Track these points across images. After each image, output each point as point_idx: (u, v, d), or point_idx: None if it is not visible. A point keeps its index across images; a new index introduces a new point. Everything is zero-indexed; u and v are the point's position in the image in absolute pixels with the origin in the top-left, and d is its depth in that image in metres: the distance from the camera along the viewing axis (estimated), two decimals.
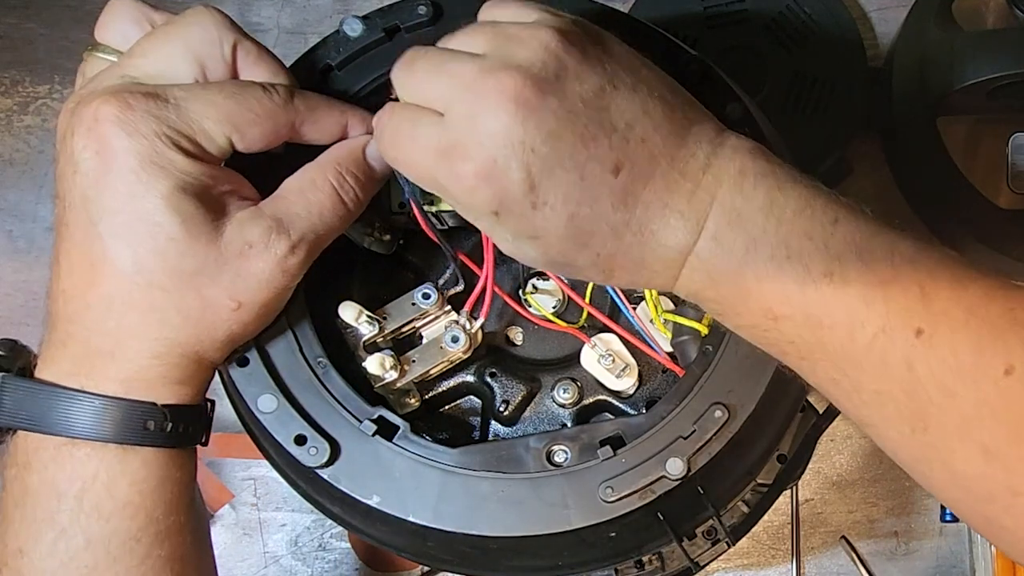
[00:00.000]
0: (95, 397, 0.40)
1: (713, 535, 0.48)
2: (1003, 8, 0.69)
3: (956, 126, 0.69)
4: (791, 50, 0.70)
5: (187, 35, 0.41)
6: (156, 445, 0.41)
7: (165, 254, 0.39)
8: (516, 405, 0.49)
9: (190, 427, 0.43)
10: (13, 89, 0.74)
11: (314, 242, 0.42)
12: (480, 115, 0.36)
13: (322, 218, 0.42)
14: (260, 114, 0.41)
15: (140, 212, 0.39)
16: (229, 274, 0.40)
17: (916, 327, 0.36)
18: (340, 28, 0.47)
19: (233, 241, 0.40)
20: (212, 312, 0.41)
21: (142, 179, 0.39)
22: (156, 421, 0.41)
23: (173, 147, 0.39)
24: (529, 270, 0.52)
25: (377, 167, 0.44)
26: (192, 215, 0.39)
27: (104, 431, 0.40)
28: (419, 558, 0.49)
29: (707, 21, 0.71)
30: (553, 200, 0.37)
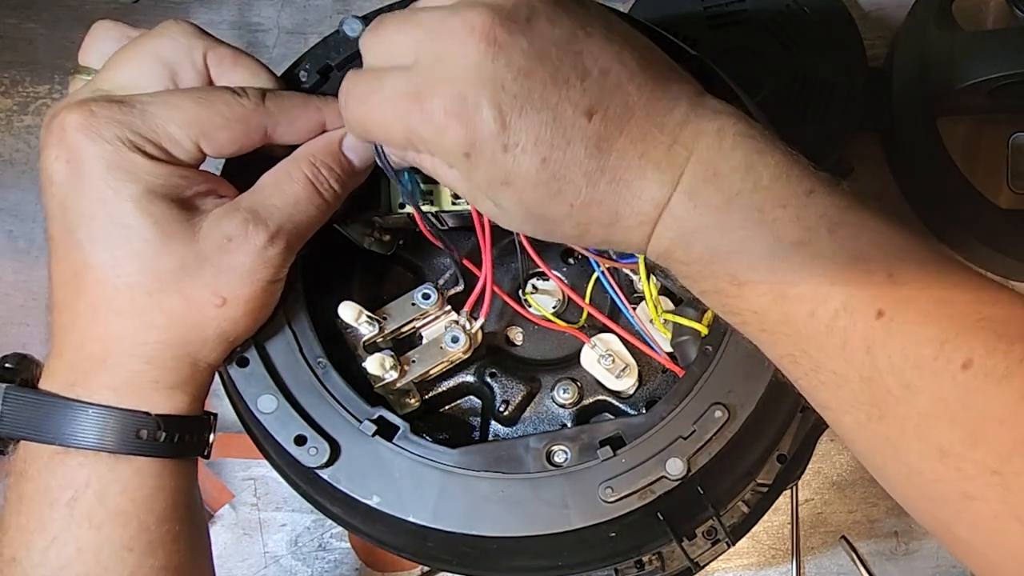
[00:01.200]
0: (87, 406, 0.40)
1: (713, 535, 0.48)
2: (1003, 8, 0.69)
3: (956, 126, 0.69)
4: (791, 50, 0.70)
5: (156, 46, 0.42)
6: (148, 454, 0.41)
7: (142, 256, 0.40)
8: (516, 405, 0.49)
9: (186, 437, 0.42)
10: (13, 89, 0.74)
11: (293, 232, 0.42)
12: (448, 52, 0.36)
13: (298, 208, 0.42)
14: (229, 117, 0.41)
15: (113, 216, 0.39)
16: (210, 270, 0.40)
17: (878, 308, 0.34)
18: (340, 28, 0.47)
19: (210, 237, 0.40)
20: (197, 310, 0.41)
21: (111, 184, 0.39)
22: (148, 430, 0.41)
23: (137, 151, 0.39)
24: (529, 270, 0.52)
25: (355, 159, 0.44)
26: (164, 216, 0.40)
27: (95, 440, 0.40)
28: (419, 558, 0.49)
29: (707, 21, 0.71)
30: (524, 141, 0.36)
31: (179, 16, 0.75)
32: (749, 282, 0.36)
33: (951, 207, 0.69)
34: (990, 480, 0.33)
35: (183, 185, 0.40)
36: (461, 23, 0.36)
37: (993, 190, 0.68)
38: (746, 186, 0.36)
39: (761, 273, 0.36)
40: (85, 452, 0.40)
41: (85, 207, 0.40)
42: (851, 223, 0.36)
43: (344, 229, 0.47)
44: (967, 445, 0.33)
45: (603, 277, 0.49)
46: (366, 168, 0.44)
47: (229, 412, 0.48)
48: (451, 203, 0.48)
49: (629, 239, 0.38)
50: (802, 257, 0.35)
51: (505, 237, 0.49)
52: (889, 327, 0.34)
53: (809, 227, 0.36)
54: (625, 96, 0.37)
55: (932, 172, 0.68)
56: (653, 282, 0.48)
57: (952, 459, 0.33)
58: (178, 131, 0.40)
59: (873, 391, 0.35)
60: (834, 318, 0.35)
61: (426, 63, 0.37)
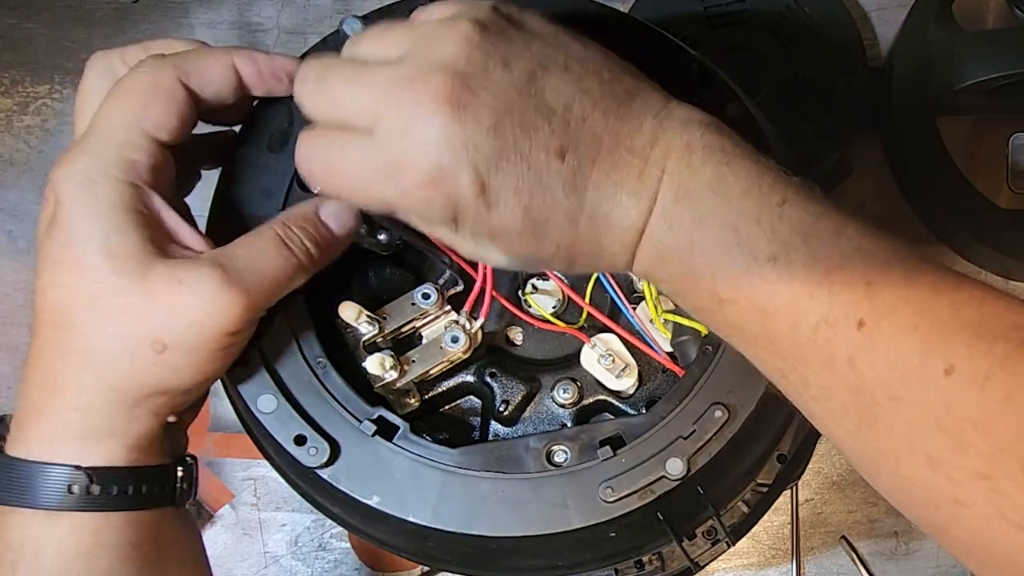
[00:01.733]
0: (16, 462, 0.39)
1: (713, 535, 0.48)
2: (1003, 8, 0.69)
3: (956, 126, 0.69)
4: (791, 50, 0.70)
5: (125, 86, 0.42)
6: (84, 509, 0.39)
7: (89, 282, 0.39)
8: (516, 405, 0.49)
9: (131, 489, 0.40)
10: (13, 89, 0.74)
11: (256, 285, 0.40)
12: (415, 124, 0.35)
13: (264, 261, 0.40)
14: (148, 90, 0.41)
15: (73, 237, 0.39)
16: (155, 312, 0.39)
17: (858, 319, 0.34)
18: (340, 28, 0.47)
19: (163, 276, 0.39)
20: (134, 354, 0.39)
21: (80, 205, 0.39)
22: (79, 485, 0.39)
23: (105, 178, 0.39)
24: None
25: (335, 227, 0.43)
26: (122, 243, 0.39)
27: (24, 497, 0.39)
28: (419, 558, 0.49)
29: (707, 21, 0.71)
30: (505, 195, 0.36)
31: (179, 17, 0.75)
32: (729, 299, 0.36)
33: (951, 207, 0.69)
34: (980, 486, 0.32)
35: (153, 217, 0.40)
36: (423, 91, 0.35)
37: (993, 190, 0.68)
38: (718, 202, 0.36)
39: (740, 290, 0.36)
40: (20, 511, 0.39)
41: (61, 231, 0.39)
42: (826, 232, 0.35)
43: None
44: (955, 452, 0.33)
45: (603, 277, 0.49)
46: (346, 235, 0.43)
47: (229, 412, 0.48)
48: None
49: (615, 263, 0.39)
50: (778, 272, 0.35)
51: None
52: (871, 336, 0.34)
53: (784, 241, 0.35)
54: (592, 127, 0.36)
55: (932, 172, 0.68)
56: None
57: (942, 467, 0.33)
58: (126, 134, 0.40)
59: (861, 402, 0.35)
60: (815, 330, 0.35)
61: (390, 134, 0.36)
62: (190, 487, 0.44)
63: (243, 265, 0.40)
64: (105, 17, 0.75)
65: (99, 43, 0.74)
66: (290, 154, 0.46)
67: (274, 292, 0.41)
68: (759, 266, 0.35)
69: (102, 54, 0.44)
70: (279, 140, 0.46)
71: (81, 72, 0.45)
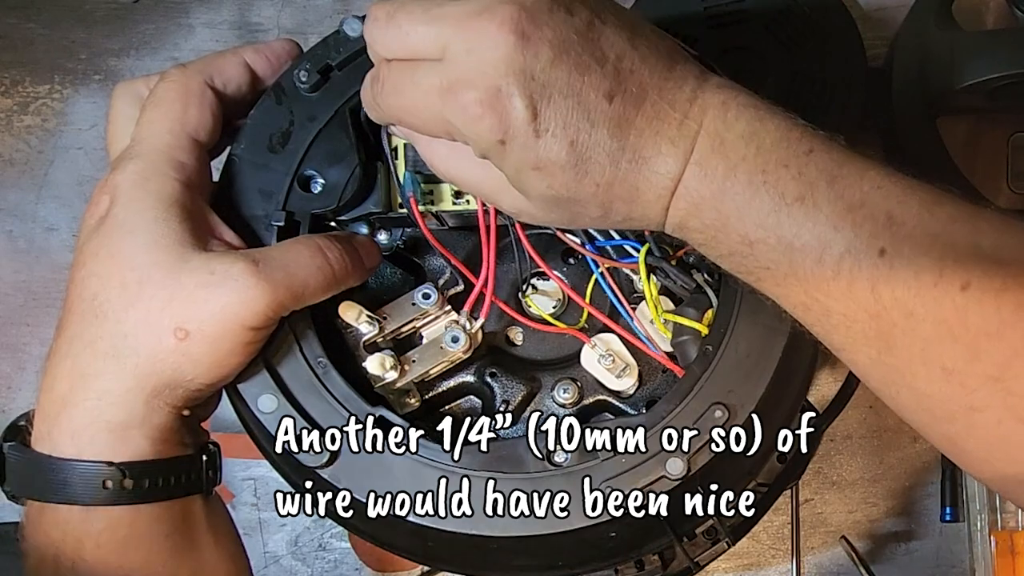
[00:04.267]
0: (51, 460, 0.40)
1: (713, 535, 0.48)
2: (1003, 8, 0.69)
3: (956, 126, 0.69)
4: (791, 50, 0.70)
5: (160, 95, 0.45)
6: (121, 503, 0.41)
7: (123, 264, 0.41)
8: (516, 405, 0.49)
9: (160, 480, 0.41)
10: (13, 89, 0.74)
11: (286, 286, 0.41)
12: (480, 46, 0.37)
13: (299, 264, 0.42)
14: (180, 93, 0.44)
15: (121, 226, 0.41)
16: (182, 299, 0.40)
17: (880, 247, 0.37)
18: (340, 28, 0.47)
19: (197, 269, 0.40)
20: (156, 339, 0.40)
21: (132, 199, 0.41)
22: (114, 480, 0.40)
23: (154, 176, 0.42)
24: (529, 270, 0.52)
25: (367, 260, 0.46)
26: (166, 233, 0.41)
27: (62, 494, 0.40)
28: (419, 558, 0.49)
29: (707, 21, 0.71)
30: (554, 127, 0.38)
31: (179, 17, 0.75)
32: (759, 240, 0.38)
33: None
34: (992, 389, 0.36)
35: (199, 214, 0.42)
36: (490, 19, 0.37)
37: (993, 190, 0.68)
38: (749, 151, 0.38)
39: (768, 230, 0.38)
40: (57, 507, 0.41)
41: (108, 226, 0.41)
42: (849, 174, 0.38)
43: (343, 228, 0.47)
44: (968, 360, 0.36)
45: (601, 280, 0.49)
46: (369, 272, 0.47)
47: (229, 412, 0.48)
48: (451, 203, 0.48)
49: (648, 214, 0.40)
50: (805, 209, 0.38)
51: (505, 237, 0.49)
52: (892, 263, 0.37)
53: (810, 182, 0.38)
54: (639, 78, 0.38)
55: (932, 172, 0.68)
56: (653, 282, 0.48)
57: (956, 376, 0.36)
58: (172, 138, 0.43)
59: (880, 326, 0.37)
60: (839, 262, 0.37)
61: (457, 57, 0.38)
62: (215, 473, 0.45)
63: (277, 264, 0.42)
64: (105, 17, 0.75)
65: (99, 43, 0.74)
66: (290, 154, 0.46)
67: (301, 295, 0.43)
68: (787, 206, 0.38)
69: (126, 83, 0.46)
70: (279, 140, 0.46)
71: (81, 72, 0.45)
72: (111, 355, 0.40)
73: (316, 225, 0.46)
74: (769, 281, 0.40)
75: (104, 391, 0.40)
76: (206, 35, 0.75)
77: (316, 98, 0.47)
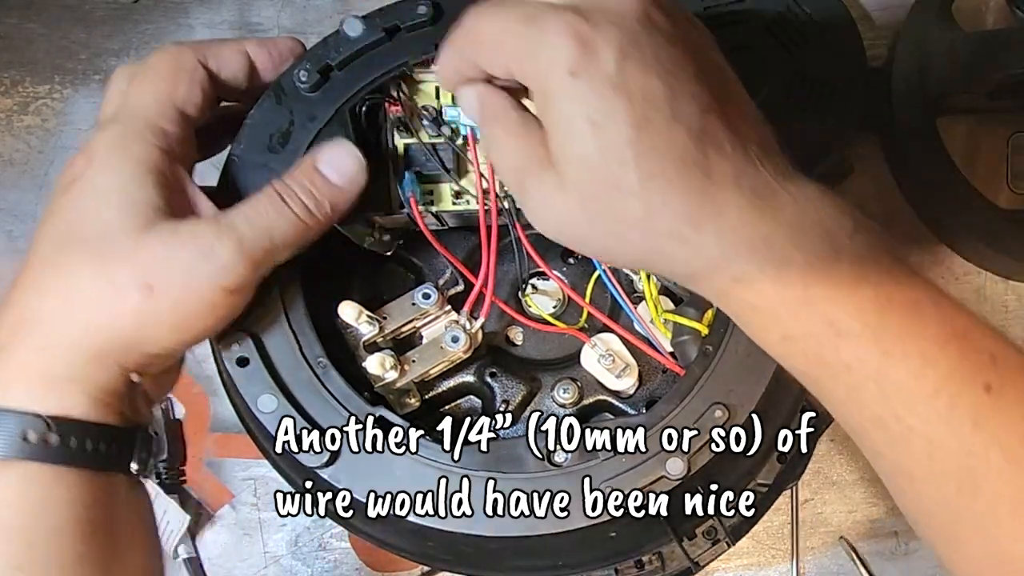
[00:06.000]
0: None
1: (713, 535, 0.48)
2: (1003, 8, 0.69)
3: (956, 126, 0.69)
4: (791, 50, 0.70)
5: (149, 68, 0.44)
6: (36, 459, 0.38)
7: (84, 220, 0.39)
8: (516, 405, 0.49)
9: (90, 446, 0.39)
10: (13, 89, 0.74)
11: (252, 240, 0.40)
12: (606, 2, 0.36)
13: (260, 215, 0.41)
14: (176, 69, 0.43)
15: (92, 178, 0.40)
16: (145, 258, 0.39)
17: (985, 382, 0.34)
18: (340, 28, 0.47)
19: (159, 230, 0.39)
20: (117, 293, 0.38)
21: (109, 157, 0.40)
22: (37, 432, 0.37)
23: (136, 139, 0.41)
24: (528, 270, 0.52)
25: (331, 174, 0.43)
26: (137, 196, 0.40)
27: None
28: (419, 558, 0.49)
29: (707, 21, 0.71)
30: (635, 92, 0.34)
31: (179, 17, 0.75)
32: (850, 332, 0.35)
33: (951, 207, 0.69)
34: None
35: (177, 184, 0.41)
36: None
37: (993, 190, 0.68)
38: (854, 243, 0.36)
39: (866, 326, 0.35)
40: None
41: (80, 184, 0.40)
42: (948, 303, 0.36)
43: (344, 229, 0.47)
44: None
45: (604, 276, 0.49)
46: (347, 182, 0.43)
47: (229, 412, 0.48)
48: (451, 203, 0.48)
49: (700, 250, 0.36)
50: (911, 321, 0.35)
51: (505, 237, 0.49)
52: (997, 402, 0.34)
53: (915, 297, 0.36)
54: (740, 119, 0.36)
55: (932, 172, 0.68)
56: (653, 282, 0.48)
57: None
58: (157, 107, 0.42)
59: (972, 464, 0.34)
60: (941, 383, 0.34)
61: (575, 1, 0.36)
62: (148, 458, 0.42)
63: (240, 220, 0.40)
64: (105, 17, 0.75)
65: (99, 43, 0.74)
66: (290, 154, 0.46)
67: (272, 248, 0.41)
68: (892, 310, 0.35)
69: (124, 67, 0.45)
70: (279, 140, 0.46)
71: (81, 72, 0.45)
72: (63, 305, 0.38)
73: None
74: (843, 381, 0.36)
75: (47, 340, 0.38)
76: (206, 35, 0.75)
77: (316, 98, 0.47)
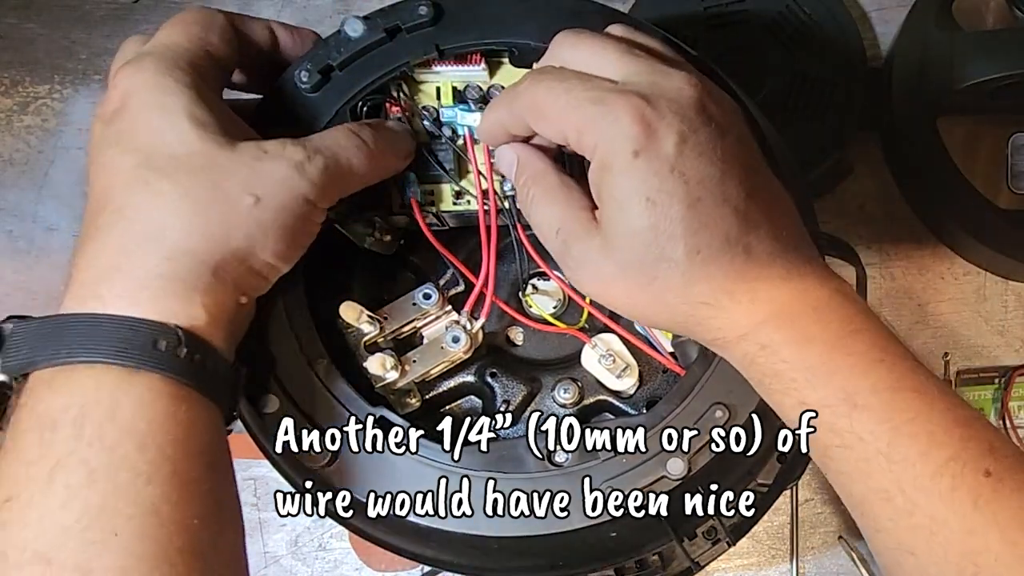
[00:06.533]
0: (97, 318, 0.36)
1: (713, 535, 0.48)
2: (1003, 8, 0.69)
3: (956, 126, 0.69)
4: (791, 50, 0.70)
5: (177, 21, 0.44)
6: (167, 370, 0.37)
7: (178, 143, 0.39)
8: (516, 405, 0.49)
9: (209, 365, 0.38)
10: (13, 89, 0.74)
11: (333, 163, 0.41)
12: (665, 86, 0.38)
13: (338, 143, 0.42)
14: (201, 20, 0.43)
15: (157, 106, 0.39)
16: (244, 171, 0.39)
17: (985, 467, 0.36)
18: (341, 28, 0.47)
19: (247, 149, 0.40)
20: (227, 201, 0.39)
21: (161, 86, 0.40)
22: (168, 342, 0.37)
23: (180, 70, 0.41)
24: (529, 270, 0.52)
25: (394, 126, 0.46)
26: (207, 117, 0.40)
27: (107, 351, 0.36)
28: (419, 558, 0.49)
29: (707, 21, 0.71)
30: (690, 175, 0.37)
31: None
32: (866, 406, 0.37)
33: (951, 207, 0.69)
34: None
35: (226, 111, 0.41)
36: (685, 75, 0.39)
37: (993, 190, 0.68)
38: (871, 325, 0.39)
39: (880, 402, 0.37)
40: (93, 366, 0.36)
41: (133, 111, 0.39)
42: (952, 395, 0.38)
43: (345, 229, 0.47)
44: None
45: None
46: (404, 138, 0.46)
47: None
48: (452, 203, 0.48)
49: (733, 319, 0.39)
50: (920, 404, 0.37)
51: (506, 238, 0.49)
52: (996, 487, 0.36)
53: (924, 383, 0.38)
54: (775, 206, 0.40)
55: (932, 172, 0.68)
56: None
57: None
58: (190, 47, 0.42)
59: (972, 543, 0.36)
60: (945, 464, 0.36)
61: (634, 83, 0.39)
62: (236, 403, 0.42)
63: (320, 144, 0.41)
64: (105, 17, 0.75)
65: (99, 43, 0.74)
66: None
67: (350, 173, 0.42)
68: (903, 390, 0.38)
69: (133, 38, 0.45)
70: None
71: (81, 72, 0.45)
72: (175, 218, 0.38)
73: None
74: (854, 452, 0.38)
75: (171, 250, 0.38)
76: None
77: (317, 98, 0.47)
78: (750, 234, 0.38)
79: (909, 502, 0.37)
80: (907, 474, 0.37)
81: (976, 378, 0.70)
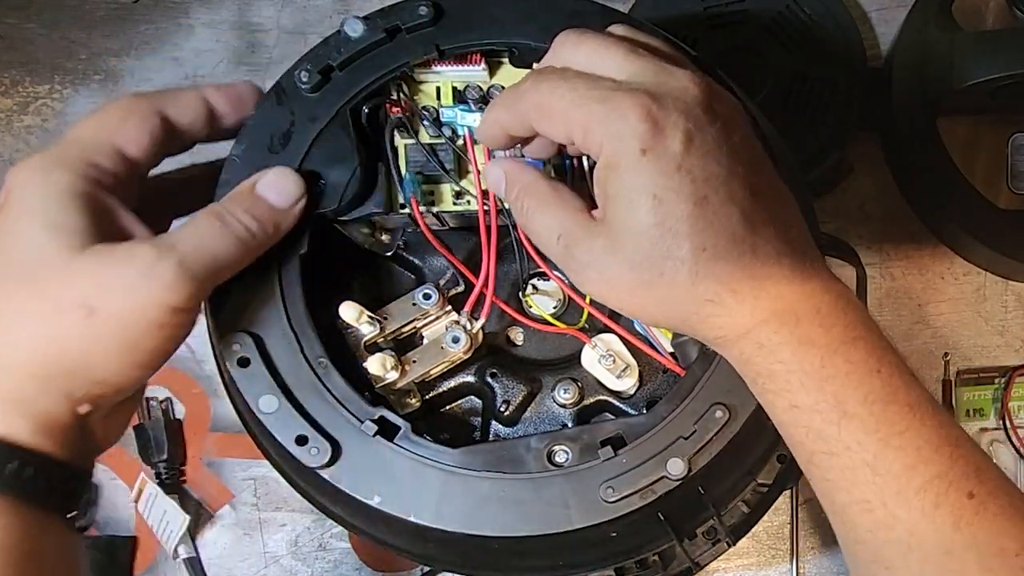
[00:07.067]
0: None
1: (713, 535, 0.48)
2: (1003, 8, 0.69)
3: (956, 126, 0.69)
4: (791, 50, 0.70)
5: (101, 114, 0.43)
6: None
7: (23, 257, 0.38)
8: (517, 405, 0.49)
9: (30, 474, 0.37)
10: (13, 89, 0.74)
11: (194, 259, 0.39)
12: (671, 85, 0.38)
13: (200, 236, 0.40)
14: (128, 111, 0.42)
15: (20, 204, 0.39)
16: (82, 281, 0.38)
17: (969, 490, 0.36)
18: (341, 29, 0.47)
19: (96, 252, 0.38)
20: (58, 315, 0.37)
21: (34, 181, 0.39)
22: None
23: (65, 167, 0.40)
24: (529, 269, 0.52)
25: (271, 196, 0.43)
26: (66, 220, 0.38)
27: None
28: (420, 558, 0.49)
29: (707, 21, 0.71)
30: (697, 175, 0.37)
31: (179, 17, 0.75)
32: (856, 415, 0.37)
33: (951, 207, 0.69)
34: None
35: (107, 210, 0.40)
36: (690, 74, 0.39)
37: (993, 190, 0.69)
38: (869, 333, 0.39)
39: (871, 414, 0.37)
40: None
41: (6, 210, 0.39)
42: (944, 414, 0.38)
43: (344, 229, 0.47)
44: None
45: None
46: (290, 204, 0.44)
47: (229, 412, 0.48)
48: (452, 203, 0.48)
49: (736, 316, 0.39)
50: (911, 419, 0.38)
51: (505, 238, 0.49)
52: (979, 510, 0.36)
53: (917, 399, 0.38)
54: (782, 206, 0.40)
55: (932, 172, 0.68)
56: None
57: None
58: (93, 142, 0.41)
59: (949, 564, 0.36)
60: (930, 481, 0.37)
61: (639, 82, 0.38)
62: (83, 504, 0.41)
63: (179, 240, 0.39)
64: (105, 17, 0.75)
65: (99, 43, 0.74)
66: (291, 155, 0.46)
67: (214, 269, 0.40)
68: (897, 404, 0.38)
69: None
70: (280, 141, 0.46)
71: (81, 72, 0.45)
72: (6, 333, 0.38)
73: (317, 226, 0.46)
74: (839, 460, 0.38)
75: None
76: (206, 35, 0.75)
77: (317, 98, 0.47)
78: (756, 233, 0.38)
79: (890, 515, 0.37)
80: (891, 487, 0.37)
81: (976, 378, 0.70)
